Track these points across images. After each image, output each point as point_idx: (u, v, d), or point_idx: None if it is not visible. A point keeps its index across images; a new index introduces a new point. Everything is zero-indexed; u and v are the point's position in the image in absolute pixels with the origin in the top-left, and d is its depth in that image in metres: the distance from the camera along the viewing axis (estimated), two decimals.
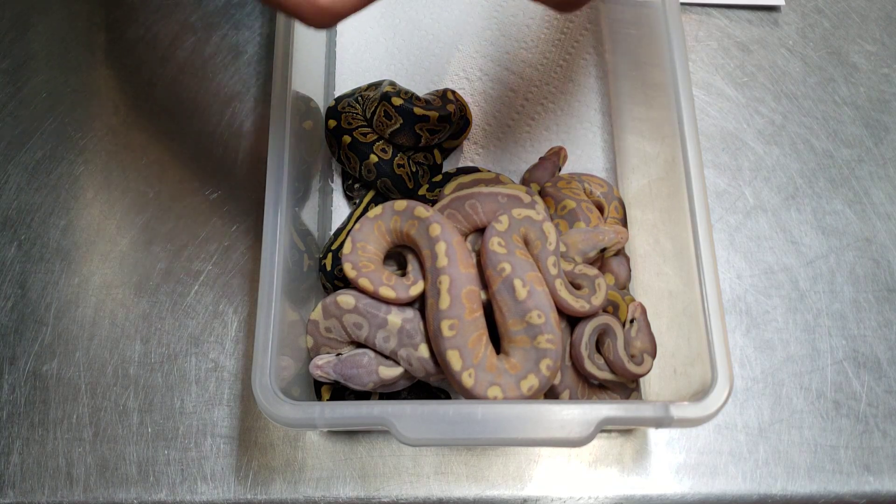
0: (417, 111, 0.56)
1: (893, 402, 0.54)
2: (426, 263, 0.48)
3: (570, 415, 0.41)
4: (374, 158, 0.56)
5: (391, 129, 0.56)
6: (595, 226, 0.53)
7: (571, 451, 0.53)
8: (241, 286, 0.57)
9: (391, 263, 0.54)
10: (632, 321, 0.50)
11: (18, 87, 0.63)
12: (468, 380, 0.45)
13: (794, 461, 0.52)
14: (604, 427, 0.41)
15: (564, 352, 0.49)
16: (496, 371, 0.46)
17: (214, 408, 0.53)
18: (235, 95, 0.63)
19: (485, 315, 0.48)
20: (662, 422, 0.41)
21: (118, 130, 0.62)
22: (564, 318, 0.50)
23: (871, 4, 0.67)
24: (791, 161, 0.61)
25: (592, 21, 0.66)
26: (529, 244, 0.49)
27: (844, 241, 0.59)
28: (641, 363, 0.49)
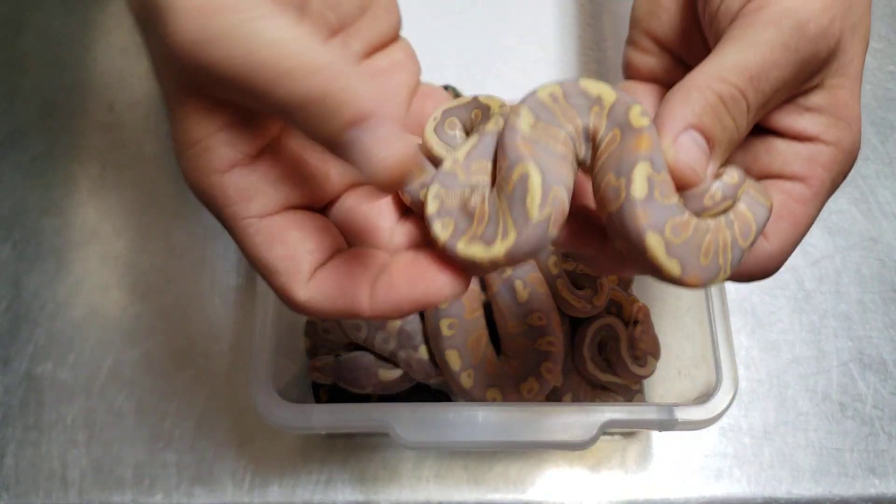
0: None
1: None
2: None
3: (573, 417, 0.40)
4: None
5: None
6: None
7: (574, 455, 0.52)
8: (238, 287, 0.56)
9: None
10: (635, 323, 0.49)
11: (12, 86, 0.62)
12: (467, 380, 0.45)
13: (800, 464, 0.52)
14: (607, 430, 0.41)
15: (565, 354, 0.49)
16: (496, 372, 0.45)
17: (211, 410, 0.53)
18: None
19: (485, 316, 0.48)
20: (666, 424, 0.41)
21: (113, 129, 0.61)
22: (566, 319, 0.49)
23: (877, 1, 0.66)
24: None
25: (594, 17, 0.65)
26: None
27: (850, 241, 0.58)
28: (645, 365, 0.48)
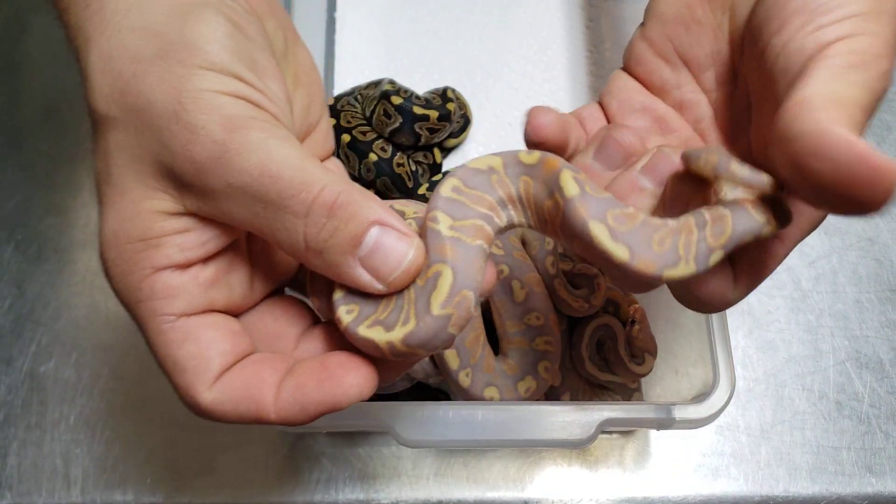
0: (417, 110, 0.55)
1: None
2: None
3: (571, 416, 0.40)
4: (374, 157, 0.56)
5: (391, 128, 0.56)
6: None
7: (572, 453, 0.52)
8: None
9: None
10: (632, 322, 0.49)
11: (15, 87, 0.63)
12: (465, 379, 0.45)
13: (797, 462, 0.52)
14: (605, 428, 0.41)
15: (563, 353, 0.49)
16: (493, 372, 0.45)
17: None
18: None
19: (483, 316, 0.48)
20: (664, 423, 0.41)
21: None
22: (564, 318, 0.49)
23: None
24: None
25: (593, 19, 0.65)
26: (527, 244, 0.49)
27: (847, 241, 0.58)
28: (642, 363, 0.48)
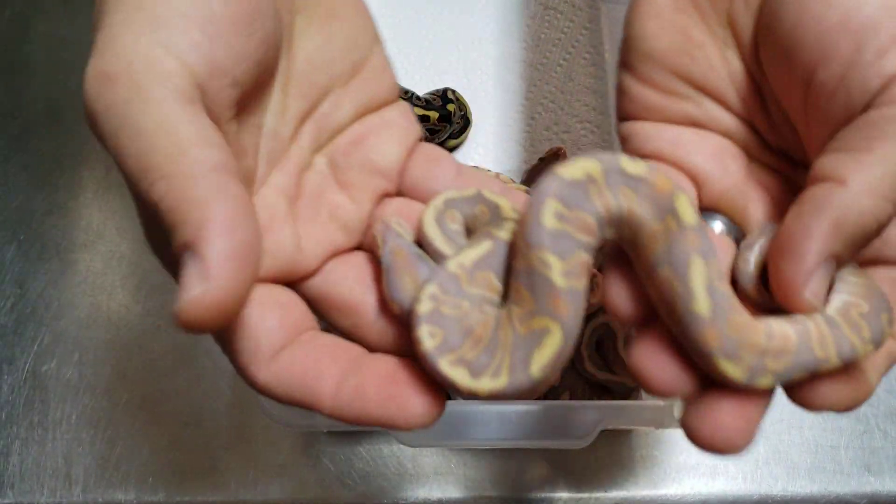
0: (417, 111, 0.55)
1: (894, 402, 0.54)
2: None
3: (571, 415, 0.41)
4: None
5: None
6: None
7: (572, 452, 0.52)
8: None
9: None
10: None
11: (18, 88, 0.63)
12: None
13: (795, 461, 0.52)
14: (604, 427, 0.41)
15: None
16: None
17: (215, 408, 0.53)
18: None
19: None
20: (663, 422, 0.41)
21: None
22: None
23: None
24: None
25: (592, 20, 0.66)
26: None
27: None
28: None
